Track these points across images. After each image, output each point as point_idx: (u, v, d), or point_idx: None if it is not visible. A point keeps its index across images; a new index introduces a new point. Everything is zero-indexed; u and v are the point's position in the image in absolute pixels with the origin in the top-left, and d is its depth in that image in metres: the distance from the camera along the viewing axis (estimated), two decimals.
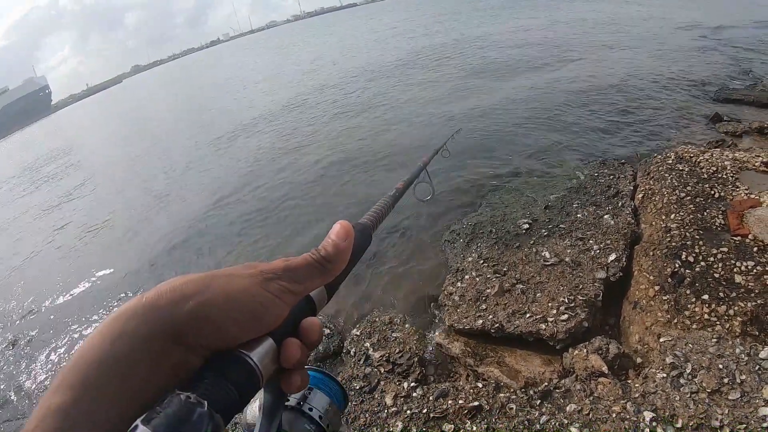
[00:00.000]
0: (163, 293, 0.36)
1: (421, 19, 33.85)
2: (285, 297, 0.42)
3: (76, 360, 0.32)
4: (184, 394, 0.31)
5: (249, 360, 0.37)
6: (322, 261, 0.46)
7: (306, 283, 0.44)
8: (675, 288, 2.78)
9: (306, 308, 0.47)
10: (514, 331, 2.89)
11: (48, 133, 36.22)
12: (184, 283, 0.37)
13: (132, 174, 11.44)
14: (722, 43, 9.42)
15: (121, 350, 0.33)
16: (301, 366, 0.43)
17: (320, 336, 0.46)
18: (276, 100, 15.25)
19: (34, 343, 5.04)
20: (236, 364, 0.37)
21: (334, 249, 0.47)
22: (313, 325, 0.45)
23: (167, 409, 0.30)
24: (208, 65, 49.83)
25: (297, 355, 0.42)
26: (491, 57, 13.15)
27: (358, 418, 2.64)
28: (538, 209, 4.17)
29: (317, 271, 0.46)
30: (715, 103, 6.40)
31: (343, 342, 3.37)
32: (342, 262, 0.48)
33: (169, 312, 0.35)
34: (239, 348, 0.38)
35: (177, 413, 0.30)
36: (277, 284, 0.41)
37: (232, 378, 0.35)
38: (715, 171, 3.64)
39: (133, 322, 0.34)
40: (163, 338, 0.34)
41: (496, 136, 6.88)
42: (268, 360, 0.40)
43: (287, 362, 0.41)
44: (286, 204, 6.52)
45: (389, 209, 0.82)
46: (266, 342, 0.40)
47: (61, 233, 8.57)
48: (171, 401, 0.31)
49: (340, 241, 0.48)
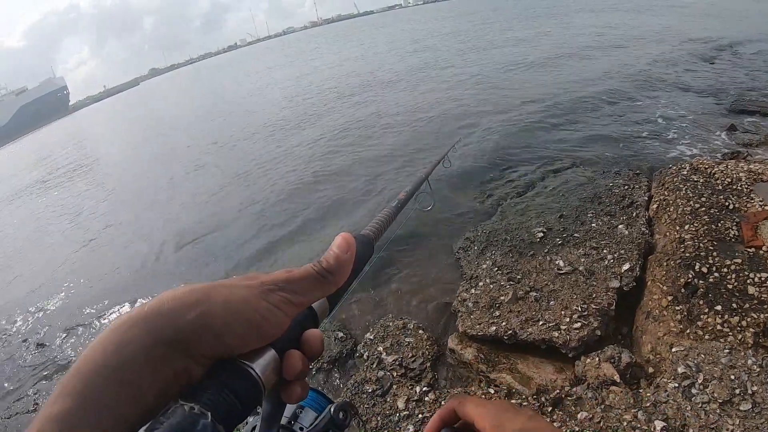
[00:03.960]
0: (164, 302, 0.36)
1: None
2: (286, 308, 0.41)
3: (77, 368, 0.32)
4: (187, 404, 0.31)
5: (251, 371, 0.38)
6: (323, 272, 0.46)
7: (307, 294, 0.44)
8: (688, 298, 2.79)
9: (308, 320, 0.47)
10: (527, 338, 2.92)
11: (68, 134, 36.73)
12: (185, 293, 0.37)
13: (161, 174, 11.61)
14: (738, 55, 9.37)
15: (121, 358, 0.33)
16: (302, 377, 0.43)
17: (322, 348, 0.46)
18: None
19: (37, 352, 5.10)
20: (239, 375, 0.37)
21: (336, 261, 0.47)
22: (315, 336, 0.46)
23: (171, 420, 0.30)
24: (237, 69, 49.93)
25: (299, 366, 0.42)
26: (508, 65, 13.18)
27: (369, 421, 2.68)
28: (552, 218, 4.20)
29: (319, 282, 0.45)
30: (731, 114, 6.37)
31: (357, 346, 3.42)
32: (344, 274, 0.48)
33: (170, 321, 0.35)
34: (242, 358, 0.38)
35: (180, 424, 0.30)
36: (278, 295, 0.41)
37: (235, 388, 0.36)
38: (729, 182, 3.65)
39: (134, 331, 0.34)
40: (164, 347, 0.34)
41: (511, 146, 6.91)
42: (270, 371, 0.40)
43: (289, 374, 0.41)
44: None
45: (391, 220, 0.83)
46: (268, 353, 0.40)
47: (78, 232, 8.75)
48: (174, 412, 0.31)
49: (342, 252, 0.48)
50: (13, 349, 5.22)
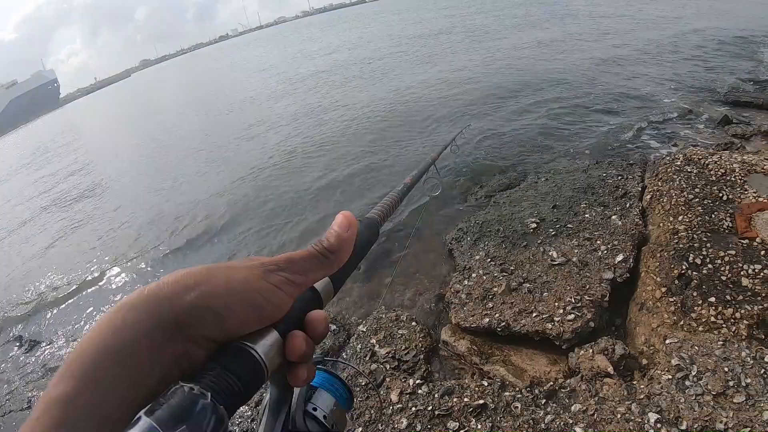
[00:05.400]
0: (164, 285, 0.37)
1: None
2: (286, 288, 0.41)
3: (78, 351, 0.33)
4: (187, 385, 0.31)
5: (253, 352, 0.38)
6: (324, 252, 0.46)
7: (308, 274, 0.44)
8: (682, 290, 2.78)
9: (312, 301, 0.47)
10: (520, 330, 2.91)
11: (57, 126, 36.33)
12: (185, 275, 0.38)
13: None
14: (732, 46, 9.35)
15: (122, 340, 0.33)
16: (307, 359, 0.43)
17: (326, 329, 0.45)
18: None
19: (38, 336, 5.10)
20: (240, 356, 0.37)
21: (337, 239, 0.47)
22: (319, 317, 0.45)
23: (171, 401, 0.30)
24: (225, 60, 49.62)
25: (302, 347, 0.42)
26: (505, 60, 13.12)
27: (363, 414, 2.65)
28: (545, 208, 4.17)
29: (320, 262, 0.45)
30: (724, 105, 6.37)
31: (349, 338, 3.39)
32: (345, 253, 0.48)
33: (170, 303, 0.35)
34: (244, 340, 0.38)
35: (180, 404, 0.30)
36: (279, 275, 0.41)
37: (237, 370, 0.36)
38: (723, 173, 3.63)
39: (134, 313, 0.34)
40: (164, 329, 0.35)
41: (504, 135, 6.89)
42: (273, 352, 0.40)
43: (292, 355, 0.41)
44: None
45: (397, 204, 0.83)
46: (271, 334, 0.40)
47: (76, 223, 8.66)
48: (175, 392, 0.31)
49: (343, 231, 0.47)
50: (6, 345, 5.18)
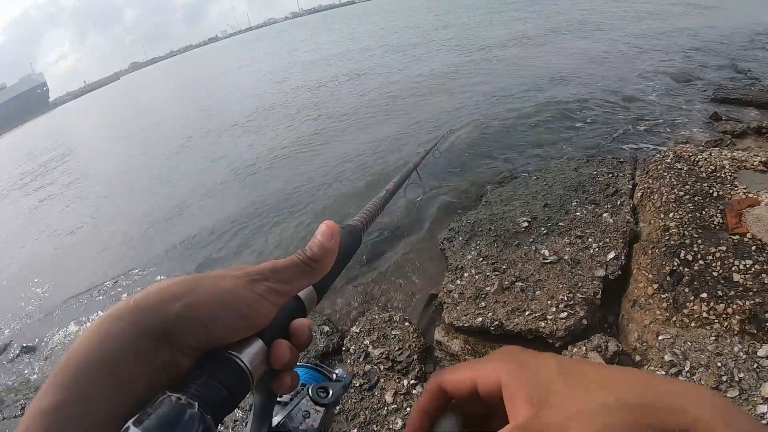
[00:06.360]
0: (150, 294, 0.37)
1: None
2: (272, 297, 0.42)
3: (65, 362, 0.33)
4: (174, 395, 0.32)
5: (239, 361, 0.38)
6: (308, 261, 0.46)
7: (293, 283, 0.45)
8: (674, 286, 2.79)
9: (296, 309, 0.48)
10: (513, 328, 2.90)
11: (47, 130, 36.05)
12: (171, 285, 0.38)
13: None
14: (720, 44, 9.42)
15: (108, 351, 0.33)
16: (290, 367, 0.44)
17: (310, 337, 0.46)
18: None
19: (30, 343, 5.04)
20: (226, 365, 0.37)
21: (320, 249, 0.47)
22: (303, 325, 0.46)
23: (158, 411, 0.30)
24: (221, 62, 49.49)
25: (286, 356, 0.42)
26: (488, 54, 13.15)
27: (358, 416, 2.64)
28: (537, 207, 4.17)
29: (304, 271, 0.46)
30: (714, 102, 6.39)
31: (343, 340, 3.37)
32: (328, 262, 0.48)
33: (156, 312, 0.36)
34: (229, 349, 0.38)
35: (168, 414, 0.30)
36: (264, 285, 0.42)
37: (223, 379, 0.36)
38: (713, 170, 3.65)
39: (120, 323, 0.34)
40: (150, 338, 0.35)
41: (493, 135, 6.88)
42: (258, 361, 0.40)
43: (277, 363, 0.42)
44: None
45: (379, 211, 0.83)
46: (256, 343, 0.40)
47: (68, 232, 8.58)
48: (162, 402, 0.31)
49: (326, 240, 0.48)
50: None
